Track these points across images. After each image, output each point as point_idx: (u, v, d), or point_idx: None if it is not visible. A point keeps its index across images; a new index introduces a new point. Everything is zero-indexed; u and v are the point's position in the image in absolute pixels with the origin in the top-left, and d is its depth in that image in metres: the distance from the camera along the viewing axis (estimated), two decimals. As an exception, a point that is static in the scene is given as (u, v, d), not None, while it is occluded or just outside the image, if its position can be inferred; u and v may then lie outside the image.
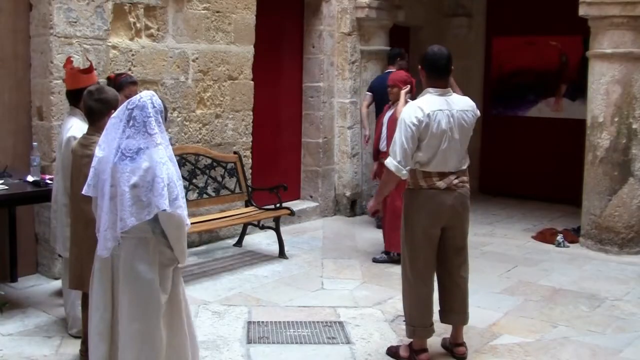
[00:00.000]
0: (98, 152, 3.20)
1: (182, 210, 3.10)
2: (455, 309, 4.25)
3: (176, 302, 3.28)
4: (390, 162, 3.96)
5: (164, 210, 3.01)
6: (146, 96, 3.16)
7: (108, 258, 3.17)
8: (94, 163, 3.21)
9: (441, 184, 4.02)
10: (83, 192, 3.26)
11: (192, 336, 3.43)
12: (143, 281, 3.13)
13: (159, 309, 3.15)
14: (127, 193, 3.02)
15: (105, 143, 3.17)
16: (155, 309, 3.14)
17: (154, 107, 3.13)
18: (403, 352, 4.19)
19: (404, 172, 3.93)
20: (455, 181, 4.06)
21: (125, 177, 3.03)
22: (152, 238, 3.15)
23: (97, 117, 3.81)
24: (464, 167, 4.12)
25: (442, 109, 3.96)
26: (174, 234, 3.15)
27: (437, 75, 4.05)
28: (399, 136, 3.93)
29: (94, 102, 3.80)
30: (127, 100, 3.18)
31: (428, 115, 3.91)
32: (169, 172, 3.07)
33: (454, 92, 4.17)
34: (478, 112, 4.21)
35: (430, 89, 4.05)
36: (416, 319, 4.13)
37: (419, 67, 4.14)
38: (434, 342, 4.30)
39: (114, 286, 3.20)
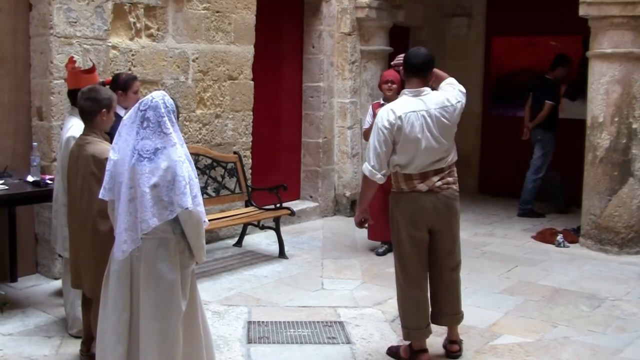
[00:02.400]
0: (112, 155, 3.20)
1: (201, 207, 3.13)
2: (446, 311, 4.21)
3: (193, 304, 3.31)
4: (365, 167, 3.98)
5: (187, 208, 3.03)
6: (158, 96, 3.16)
7: (127, 259, 3.17)
8: (108, 166, 3.21)
9: (422, 186, 3.96)
10: (99, 196, 3.26)
11: (208, 337, 3.46)
12: (165, 281, 3.15)
13: (180, 308, 3.17)
14: (147, 194, 3.03)
15: (119, 145, 3.17)
16: (176, 308, 3.16)
17: (167, 106, 3.14)
18: (403, 353, 4.19)
19: (379, 176, 3.92)
20: (438, 183, 3.98)
21: (145, 178, 3.03)
22: (172, 238, 3.17)
23: (88, 116, 3.83)
24: (448, 163, 4.02)
25: (415, 110, 3.90)
26: (193, 232, 3.17)
27: (412, 74, 4.01)
28: (372, 140, 3.93)
29: (84, 101, 3.82)
30: (139, 102, 3.18)
31: (400, 117, 3.87)
32: (189, 170, 3.09)
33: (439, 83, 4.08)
34: (461, 99, 4.03)
35: (405, 91, 4.04)
36: (410, 322, 4.11)
37: (400, 68, 4.14)
38: (435, 342, 4.30)
39: (133, 287, 3.20)
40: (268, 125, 7.66)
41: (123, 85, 4.74)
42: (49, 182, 4.90)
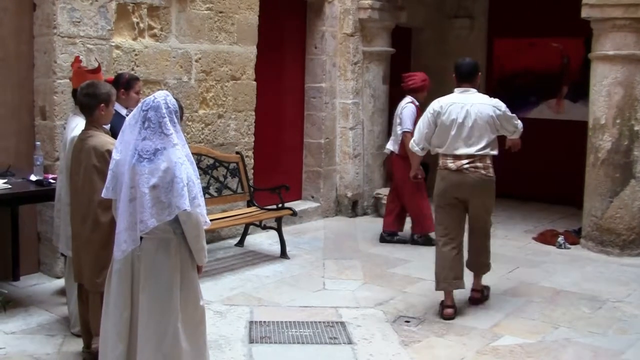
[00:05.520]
0: (115, 154, 3.21)
1: (201, 209, 3.13)
2: (474, 260, 5.21)
3: (200, 307, 3.32)
4: (410, 141, 5.24)
5: (185, 210, 3.03)
6: (160, 96, 3.17)
7: (128, 258, 3.19)
8: (111, 166, 3.23)
9: (452, 165, 4.92)
10: (102, 195, 3.28)
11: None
12: (164, 281, 3.16)
13: (178, 309, 3.18)
14: (146, 194, 3.03)
15: (122, 145, 3.18)
16: (174, 309, 3.17)
17: (168, 107, 3.15)
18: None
19: (417, 148, 5.10)
20: (466, 165, 4.89)
21: (145, 179, 3.04)
22: (173, 239, 3.18)
23: (88, 111, 3.87)
24: (480, 153, 4.88)
25: (456, 102, 4.92)
26: (192, 233, 3.18)
27: (460, 78, 5.04)
28: (419, 122, 5.12)
29: (83, 96, 3.86)
30: (142, 102, 3.19)
31: (441, 106, 4.94)
32: (188, 171, 3.10)
33: None
34: (498, 110, 4.97)
35: (455, 89, 5.05)
36: (438, 273, 4.99)
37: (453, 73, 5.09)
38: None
39: (134, 286, 3.21)
40: (270, 126, 7.67)
41: (125, 84, 4.77)
42: (51, 181, 4.92)
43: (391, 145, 7.08)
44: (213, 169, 6.50)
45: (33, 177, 5.01)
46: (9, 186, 4.81)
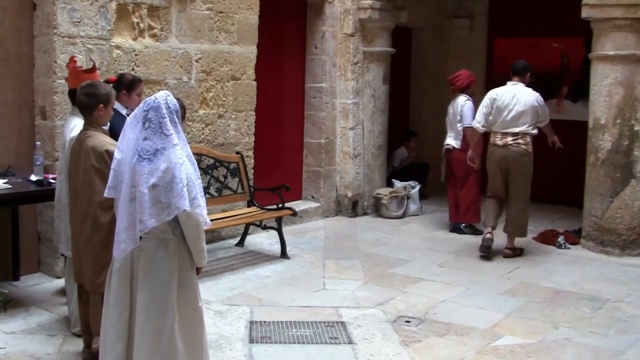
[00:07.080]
0: (117, 154, 3.21)
1: (201, 209, 3.12)
2: (509, 223, 6.67)
3: (198, 308, 3.31)
4: (473, 121, 6.83)
5: (184, 210, 3.03)
6: (161, 97, 3.16)
7: (128, 258, 3.19)
8: (113, 165, 3.23)
9: (499, 142, 6.51)
10: (105, 194, 3.28)
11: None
12: (162, 282, 3.15)
13: (175, 309, 3.17)
14: (146, 194, 3.03)
15: (124, 144, 3.18)
16: (171, 309, 3.16)
17: (169, 107, 3.14)
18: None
19: (477, 125, 6.68)
20: (510, 142, 6.44)
21: (144, 179, 3.04)
22: (172, 239, 3.17)
23: (86, 111, 3.87)
24: (522, 131, 6.41)
25: (508, 92, 6.53)
26: (191, 234, 3.17)
27: (513, 73, 6.69)
28: (481, 105, 6.68)
29: (83, 96, 3.86)
30: (143, 101, 3.19)
31: (497, 94, 6.57)
32: (188, 172, 3.09)
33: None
34: (539, 100, 6.52)
35: (508, 82, 6.66)
36: (485, 215, 6.88)
37: None
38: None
39: (133, 286, 3.21)
40: (270, 126, 7.67)
41: (128, 85, 4.76)
42: (52, 181, 4.91)
43: (452, 142, 7.53)
44: (213, 169, 6.50)
45: (33, 177, 5.01)
46: (9, 186, 4.81)
